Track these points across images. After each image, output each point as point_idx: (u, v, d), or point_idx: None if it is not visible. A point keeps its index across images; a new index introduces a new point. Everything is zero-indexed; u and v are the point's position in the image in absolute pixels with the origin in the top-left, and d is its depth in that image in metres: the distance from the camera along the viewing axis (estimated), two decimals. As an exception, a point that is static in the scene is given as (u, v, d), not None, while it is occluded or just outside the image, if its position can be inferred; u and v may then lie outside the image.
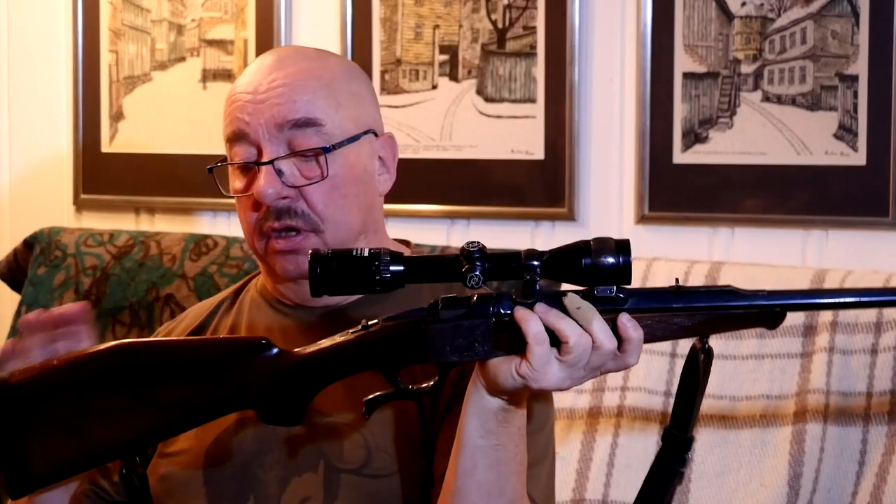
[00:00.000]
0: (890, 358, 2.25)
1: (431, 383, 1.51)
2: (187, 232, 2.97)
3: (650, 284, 2.46)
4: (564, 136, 2.70)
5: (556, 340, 1.43)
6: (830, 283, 2.33)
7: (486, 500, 1.51)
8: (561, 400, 2.38)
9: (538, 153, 2.74)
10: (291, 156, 1.67)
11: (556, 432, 2.41)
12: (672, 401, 2.36)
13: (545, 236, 2.73)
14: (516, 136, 2.75)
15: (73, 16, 3.19)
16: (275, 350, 1.54)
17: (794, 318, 2.32)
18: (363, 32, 2.88)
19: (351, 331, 1.52)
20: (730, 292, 1.48)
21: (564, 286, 1.50)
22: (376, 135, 1.75)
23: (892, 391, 2.23)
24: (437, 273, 1.48)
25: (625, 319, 1.44)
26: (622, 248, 1.43)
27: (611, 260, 1.43)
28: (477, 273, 1.45)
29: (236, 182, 1.72)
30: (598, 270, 1.43)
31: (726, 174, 2.58)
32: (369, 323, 1.52)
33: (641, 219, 2.65)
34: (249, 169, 1.69)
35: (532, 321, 1.43)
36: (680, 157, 2.62)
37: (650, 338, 1.48)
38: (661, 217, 2.64)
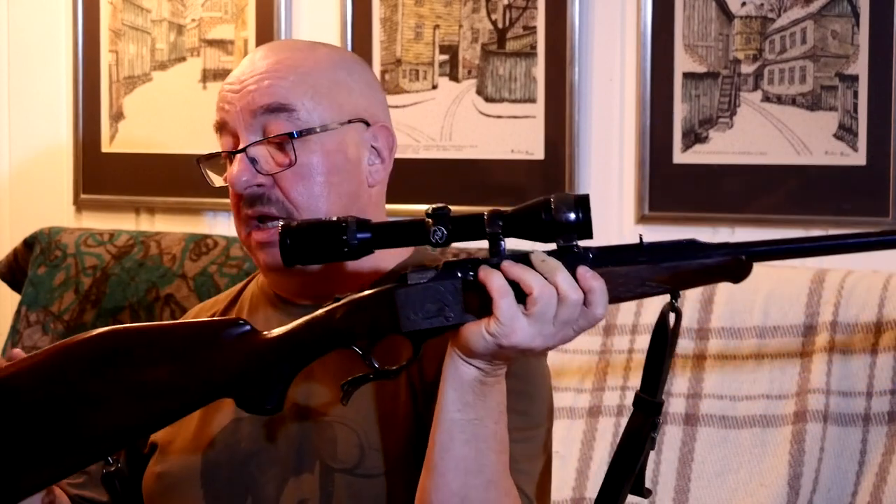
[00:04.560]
0: (890, 358, 2.25)
1: (405, 362, 1.51)
2: (187, 232, 2.97)
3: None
4: (564, 136, 2.70)
5: (522, 296, 1.44)
6: (830, 282, 2.32)
7: (463, 477, 1.50)
8: (561, 399, 2.38)
9: (538, 153, 2.74)
10: (261, 143, 1.67)
11: (557, 431, 2.41)
12: (672, 399, 2.37)
13: (545, 236, 2.73)
14: (516, 136, 2.75)
15: (73, 16, 3.20)
16: (247, 328, 1.54)
17: (794, 318, 2.32)
18: (363, 32, 2.88)
19: (323, 305, 1.53)
20: (693, 243, 1.49)
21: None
22: (368, 124, 1.74)
23: (892, 391, 2.23)
24: (403, 236, 1.51)
25: (582, 270, 1.45)
26: (581, 202, 1.45)
27: (571, 216, 1.45)
28: (441, 229, 1.48)
29: (224, 173, 1.72)
30: (558, 226, 1.46)
31: (726, 174, 2.58)
32: (340, 297, 1.52)
33: (641, 219, 2.65)
34: (232, 158, 1.70)
35: (495, 275, 1.45)
36: (680, 157, 2.62)
37: (618, 296, 1.49)
38: (661, 217, 2.64)
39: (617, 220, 2.68)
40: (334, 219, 1.50)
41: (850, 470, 2.24)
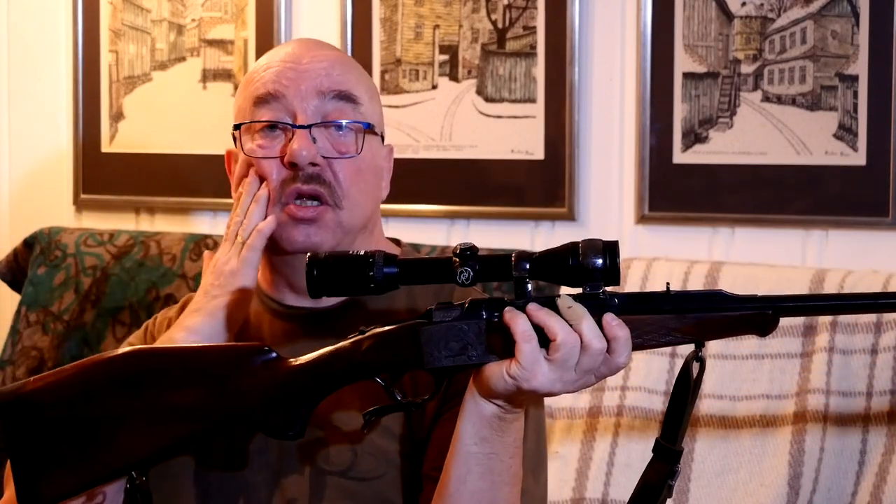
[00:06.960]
0: (890, 358, 2.25)
1: (427, 396, 1.53)
2: (187, 232, 2.97)
3: (650, 285, 2.46)
4: (564, 136, 2.70)
5: (546, 340, 1.45)
6: (830, 282, 2.33)
7: None
8: (561, 400, 2.38)
9: (538, 153, 2.74)
10: (330, 124, 1.69)
11: (557, 432, 2.42)
12: (672, 400, 2.37)
13: (545, 236, 2.73)
14: (516, 136, 2.75)
15: (73, 16, 3.19)
16: (273, 355, 1.56)
17: (794, 319, 2.32)
18: (363, 32, 2.88)
19: (349, 337, 1.54)
20: (720, 296, 1.49)
21: (565, 290, 1.51)
22: (383, 143, 1.77)
23: (892, 391, 2.24)
24: (430, 274, 1.51)
25: (609, 318, 1.45)
26: (610, 249, 1.45)
27: (598, 261, 1.45)
28: (468, 269, 1.47)
29: (255, 144, 1.71)
30: (585, 271, 1.45)
31: (726, 174, 2.58)
32: (365, 329, 1.53)
33: (641, 219, 2.65)
34: (276, 132, 1.70)
35: (519, 319, 1.45)
36: (680, 157, 2.62)
37: (642, 344, 1.48)
38: (661, 217, 2.64)
39: (617, 220, 2.68)
40: (361, 252, 1.51)
41: (850, 470, 2.24)
